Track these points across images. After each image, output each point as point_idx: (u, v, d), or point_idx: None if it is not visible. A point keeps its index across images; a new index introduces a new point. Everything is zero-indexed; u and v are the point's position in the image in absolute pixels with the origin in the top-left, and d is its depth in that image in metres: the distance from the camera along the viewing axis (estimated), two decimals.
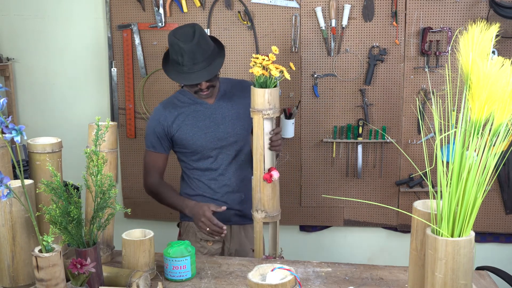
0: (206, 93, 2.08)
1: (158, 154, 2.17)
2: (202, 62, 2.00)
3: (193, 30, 1.99)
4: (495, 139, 1.15)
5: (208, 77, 2.01)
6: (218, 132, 2.13)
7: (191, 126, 2.12)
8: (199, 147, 2.12)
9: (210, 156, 2.15)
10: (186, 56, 1.97)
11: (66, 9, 2.93)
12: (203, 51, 1.99)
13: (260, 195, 1.98)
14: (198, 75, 2.00)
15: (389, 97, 2.73)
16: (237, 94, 2.20)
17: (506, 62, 1.14)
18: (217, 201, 2.17)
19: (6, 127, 1.29)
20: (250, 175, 2.07)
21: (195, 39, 1.96)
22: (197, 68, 2.00)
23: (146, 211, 3.01)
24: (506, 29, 2.57)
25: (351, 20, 2.68)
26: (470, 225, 1.19)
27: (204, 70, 2.01)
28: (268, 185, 1.96)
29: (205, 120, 2.13)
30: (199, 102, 2.14)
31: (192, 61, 1.98)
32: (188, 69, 2.00)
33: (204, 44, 2.00)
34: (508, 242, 2.84)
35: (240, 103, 2.17)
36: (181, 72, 2.02)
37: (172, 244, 1.74)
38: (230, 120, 2.15)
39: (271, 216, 1.99)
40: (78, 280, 1.44)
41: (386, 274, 1.76)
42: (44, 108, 3.07)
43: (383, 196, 2.83)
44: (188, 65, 1.99)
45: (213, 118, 2.13)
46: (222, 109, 2.15)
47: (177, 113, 2.12)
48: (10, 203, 1.53)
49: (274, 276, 1.33)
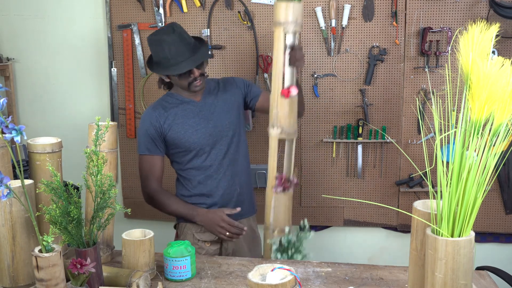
0: (200, 82, 2.10)
1: (154, 157, 2.16)
2: (188, 52, 2.05)
3: (171, 26, 2.07)
4: (495, 139, 1.15)
5: (198, 61, 2.05)
6: (209, 128, 2.15)
7: (181, 125, 2.13)
8: (192, 145, 2.13)
9: (203, 152, 2.16)
10: (173, 47, 2.02)
11: (66, 9, 2.93)
12: (186, 42, 2.06)
13: (277, 110, 1.91)
14: (188, 62, 2.04)
15: (389, 97, 2.73)
16: (221, 88, 2.25)
17: (506, 62, 1.14)
18: (214, 199, 2.19)
19: (6, 127, 1.29)
20: (244, 168, 2.17)
21: (176, 32, 2.04)
22: (185, 57, 2.04)
23: (146, 211, 3.00)
24: (506, 29, 2.57)
25: (351, 20, 2.68)
26: (470, 225, 1.19)
27: (192, 58, 2.05)
28: (286, 101, 1.90)
29: (194, 117, 2.14)
30: (186, 101, 2.17)
31: (178, 52, 2.03)
32: (175, 61, 2.04)
33: (186, 36, 2.09)
34: (508, 242, 2.84)
35: (223, 97, 2.22)
36: (169, 65, 2.05)
37: (172, 244, 1.74)
38: (218, 115, 2.18)
39: (288, 133, 1.93)
40: (78, 280, 1.44)
41: (386, 274, 1.76)
42: (44, 108, 3.07)
43: (383, 196, 2.83)
44: (175, 56, 2.03)
45: (202, 115, 2.16)
46: (208, 105, 2.19)
47: (166, 114, 2.14)
48: (10, 203, 1.53)
49: (274, 276, 1.33)
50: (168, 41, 2.02)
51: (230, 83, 2.28)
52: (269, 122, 1.95)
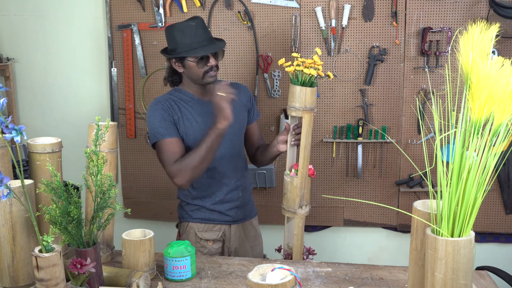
0: (214, 73, 2.10)
1: (174, 139, 2.06)
2: (209, 39, 2.09)
3: (193, 17, 2.12)
4: (495, 139, 1.15)
5: (219, 48, 2.09)
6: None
7: (190, 122, 2.11)
8: (197, 143, 2.12)
9: None
10: (196, 32, 2.05)
11: (66, 9, 2.93)
12: (207, 31, 2.11)
13: (304, 191, 2.03)
14: (209, 47, 2.07)
15: (389, 97, 2.73)
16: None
17: (506, 62, 1.14)
18: (217, 201, 2.18)
19: (6, 127, 1.29)
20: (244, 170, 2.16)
21: (199, 19, 2.09)
22: (207, 42, 2.07)
23: (146, 211, 3.01)
24: (506, 29, 2.57)
25: (351, 20, 2.68)
26: (470, 225, 1.19)
27: (212, 45, 2.08)
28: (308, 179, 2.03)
29: (203, 116, 2.12)
30: (195, 99, 2.15)
31: (200, 36, 2.06)
32: (198, 45, 2.05)
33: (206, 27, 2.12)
34: (508, 242, 2.84)
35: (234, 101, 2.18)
36: (191, 48, 2.05)
37: (172, 244, 1.74)
38: None
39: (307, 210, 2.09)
40: (78, 280, 1.44)
41: (386, 274, 1.76)
42: (44, 108, 3.07)
43: (383, 196, 2.83)
44: (197, 41, 2.05)
45: (210, 115, 2.14)
46: None
47: (177, 106, 2.11)
48: (10, 203, 1.53)
49: (274, 276, 1.33)
50: (192, 26, 2.05)
51: (240, 90, 2.24)
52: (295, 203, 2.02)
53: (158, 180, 2.96)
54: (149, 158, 2.93)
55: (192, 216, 2.20)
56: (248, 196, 2.29)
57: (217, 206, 2.19)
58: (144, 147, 2.93)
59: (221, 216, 2.19)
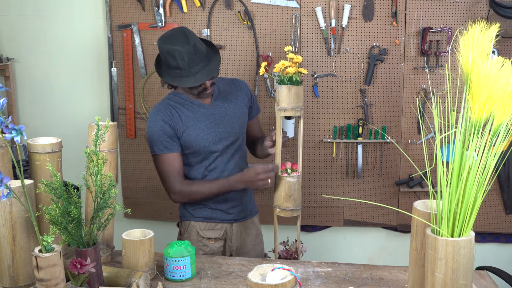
0: (210, 91, 2.08)
1: (174, 154, 2.09)
2: (202, 62, 2.00)
3: (184, 34, 1.98)
4: (495, 139, 1.15)
5: (211, 75, 2.01)
6: (219, 132, 2.13)
7: (193, 127, 2.11)
8: (201, 148, 2.12)
9: (211, 156, 2.15)
10: (187, 58, 1.95)
11: (66, 9, 2.93)
12: (200, 52, 1.99)
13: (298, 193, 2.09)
14: (202, 74, 1.99)
15: (389, 97, 2.73)
16: (232, 92, 2.21)
17: (506, 62, 1.14)
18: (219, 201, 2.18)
19: (6, 127, 1.29)
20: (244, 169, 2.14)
21: (191, 41, 1.96)
22: (198, 68, 1.99)
23: (146, 211, 3.01)
24: (506, 29, 2.57)
25: (351, 20, 2.68)
26: (470, 225, 1.19)
27: (205, 70, 2.00)
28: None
29: (205, 121, 2.12)
30: (196, 103, 2.14)
31: (192, 63, 1.97)
32: (187, 72, 1.98)
33: (199, 45, 2.00)
34: (508, 242, 2.84)
35: (235, 101, 2.20)
36: (180, 76, 2.00)
37: (172, 244, 1.74)
38: (228, 120, 2.15)
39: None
40: (78, 280, 1.44)
41: (386, 274, 1.76)
42: (44, 108, 3.07)
43: (383, 196, 2.83)
44: (188, 68, 1.98)
45: (212, 118, 2.13)
46: (219, 108, 2.16)
47: (177, 114, 2.10)
48: (10, 203, 1.53)
49: (274, 276, 1.33)
50: (181, 52, 1.94)
51: (240, 88, 2.24)
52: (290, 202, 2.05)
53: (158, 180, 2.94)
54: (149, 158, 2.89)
55: (194, 214, 2.21)
56: (249, 194, 2.29)
57: (218, 205, 2.19)
58: (144, 147, 2.93)
59: (223, 214, 2.20)
